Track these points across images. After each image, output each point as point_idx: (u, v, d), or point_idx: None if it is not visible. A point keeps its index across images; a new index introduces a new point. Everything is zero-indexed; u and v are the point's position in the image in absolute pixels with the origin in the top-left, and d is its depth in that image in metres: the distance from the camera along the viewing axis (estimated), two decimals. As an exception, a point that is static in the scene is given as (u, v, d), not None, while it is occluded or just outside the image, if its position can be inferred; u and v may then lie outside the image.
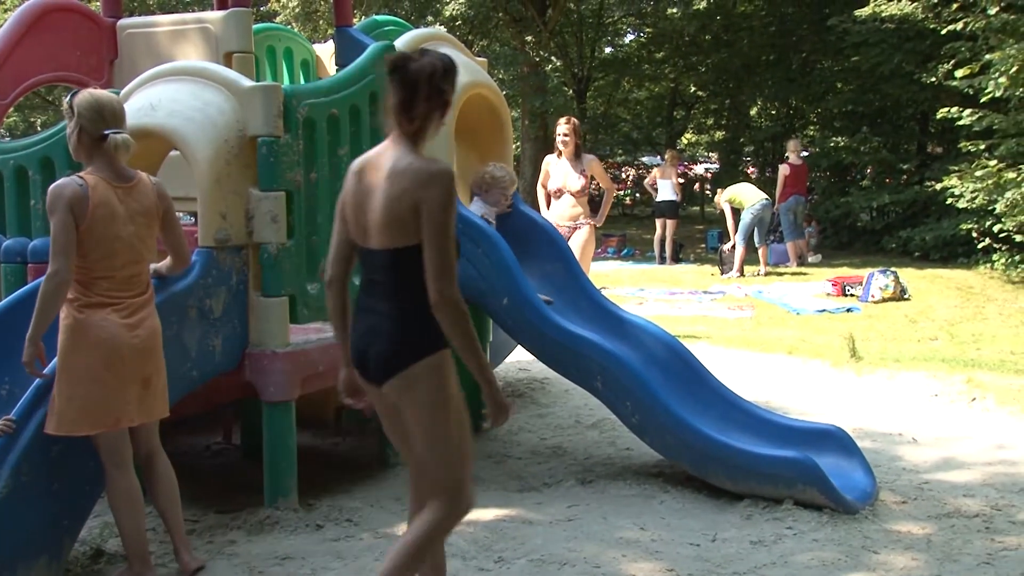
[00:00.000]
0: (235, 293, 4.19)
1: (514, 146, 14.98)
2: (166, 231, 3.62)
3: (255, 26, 5.46)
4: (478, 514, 4.35)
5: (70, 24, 5.20)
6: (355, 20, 6.67)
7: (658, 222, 14.78)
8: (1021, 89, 10.04)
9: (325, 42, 6.95)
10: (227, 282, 4.15)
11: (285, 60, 6.38)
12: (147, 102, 4.23)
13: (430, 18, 19.65)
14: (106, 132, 3.41)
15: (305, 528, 4.14)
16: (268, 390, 4.23)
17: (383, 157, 2.80)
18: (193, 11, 18.32)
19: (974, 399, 6.14)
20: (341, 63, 5.32)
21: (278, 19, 18.73)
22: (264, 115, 4.17)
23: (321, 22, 19.14)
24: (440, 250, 2.68)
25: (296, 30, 14.26)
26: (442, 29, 17.12)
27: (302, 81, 6.19)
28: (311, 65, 6.46)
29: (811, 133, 19.37)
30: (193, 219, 5.71)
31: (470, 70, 5.20)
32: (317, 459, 5.17)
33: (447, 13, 20.06)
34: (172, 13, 9.75)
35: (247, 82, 4.30)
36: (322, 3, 18.90)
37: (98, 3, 5.43)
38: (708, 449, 4.45)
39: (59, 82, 5.48)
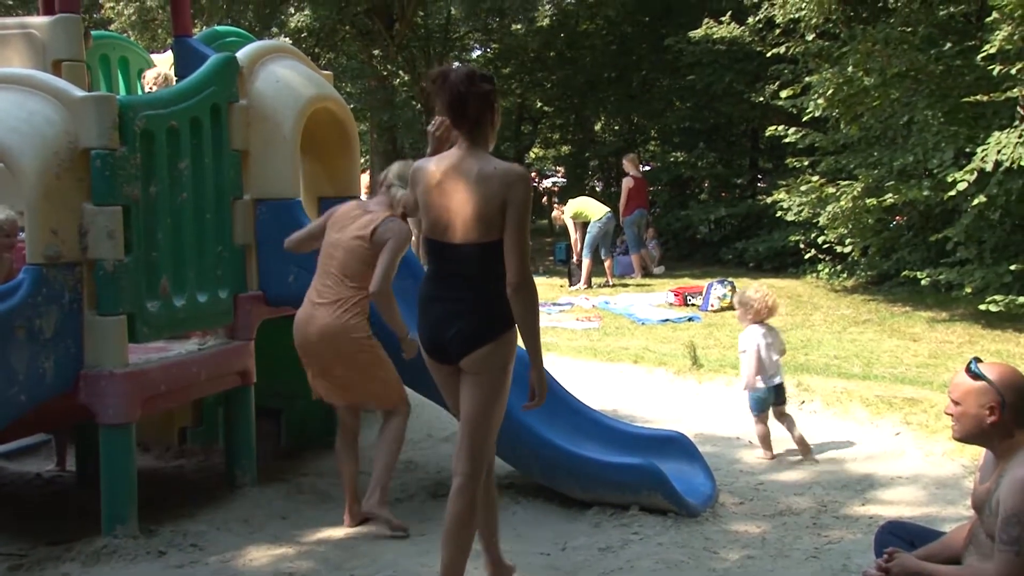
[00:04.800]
0: (68, 312, 3.99)
1: (362, 159, 14.81)
2: None
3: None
4: (329, 532, 4.30)
5: None
6: (195, 30, 6.49)
7: (505, 235, 14.92)
8: (837, 110, 10.75)
9: (163, 52, 6.72)
10: (59, 300, 3.95)
11: (120, 70, 6.14)
12: (-34, 111, 3.98)
13: (275, 29, 19.26)
14: None
15: (146, 556, 3.97)
16: (106, 412, 4.05)
17: (464, 164, 3.18)
18: (16, 15, 17.30)
19: (803, 402, 6.51)
20: (181, 74, 5.16)
21: (112, 27, 17.91)
22: (98, 127, 4.00)
23: (160, 31, 18.43)
24: (523, 241, 3.12)
25: (132, 39, 13.70)
26: (287, 41, 16.85)
27: (139, 92, 5.96)
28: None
29: (652, 148, 20.08)
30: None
31: (315, 83, 5.15)
32: (159, 482, 4.98)
33: (292, 25, 19.74)
34: (-6, 16, 9.21)
35: (78, 92, 4.12)
36: (160, 12, 18.22)
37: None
38: (557, 459, 4.54)
39: None
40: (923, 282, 10.11)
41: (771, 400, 5.41)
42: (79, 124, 4.01)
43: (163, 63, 6.26)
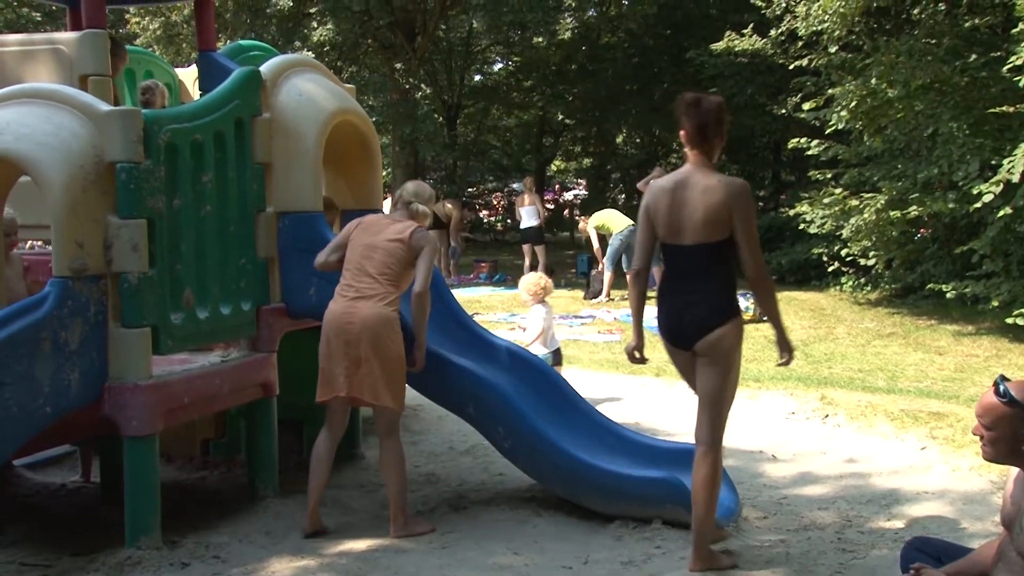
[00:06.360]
0: (93, 324, 4.02)
1: (384, 172, 14.88)
2: None
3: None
4: (351, 545, 4.30)
5: (-93, 42, 4.92)
6: (219, 44, 6.55)
7: (525, 248, 14.97)
8: (860, 122, 10.69)
9: (188, 66, 6.79)
10: (84, 313, 3.98)
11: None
12: (-6, 125, 4.03)
13: (297, 43, 19.41)
14: None
15: (169, 567, 3.98)
16: (130, 424, 4.07)
17: (692, 177, 3.74)
18: (44, 31, 17.56)
19: (827, 416, 6.45)
20: (205, 88, 5.20)
21: (138, 42, 18.13)
22: (123, 140, 4.04)
23: (184, 45, 18.64)
24: (754, 243, 3.70)
25: (157, 54, 13.86)
26: (310, 55, 16.98)
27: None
28: (174, 90, 6.30)
29: (674, 161, 20.06)
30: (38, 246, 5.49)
31: (338, 97, 5.18)
32: (182, 494, 5.00)
33: (315, 39, 19.89)
34: (21, 33, 9.32)
35: (104, 106, 4.16)
36: (185, 26, 18.42)
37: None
38: (579, 472, 4.52)
39: None
40: (948, 295, 10.02)
41: (551, 361, 6.42)
42: (105, 138, 4.05)
43: (187, 77, 6.32)
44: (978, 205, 8.56)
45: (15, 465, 5.29)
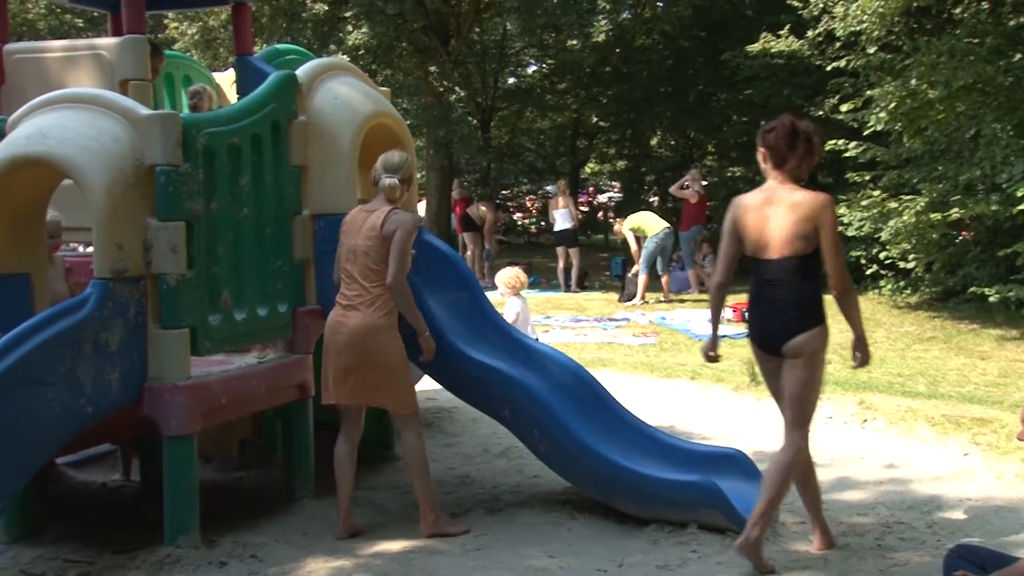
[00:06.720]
0: (133, 326, 4.07)
1: (419, 175, 14.95)
2: None
3: (153, 53, 5.35)
4: (386, 546, 4.31)
5: (-47, 48, 5.01)
6: (256, 48, 6.61)
7: (559, 251, 14.95)
8: (899, 123, 10.55)
9: (225, 70, 6.85)
10: (124, 314, 4.03)
11: (184, 88, 6.27)
12: (37, 130, 4.10)
13: (333, 47, 19.52)
14: None
15: (207, 566, 4.02)
16: (169, 424, 4.11)
17: (779, 192, 3.93)
18: (86, 37, 17.83)
19: (866, 420, 6.37)
20: (242, 92, 5.25)
21: (176, 46, 18.35)
22: (162, 144, 4.09)
23: (221, 50, 18.83)
24: (840, 253, 3.88)
25: (195, 58, 14.02)
26: (345, 58, 17.08)
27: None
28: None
29: (709, 163, 19.92)
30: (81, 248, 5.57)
31: (373, 100, 5.20)
32: (220, 494, 5.04)
33: (350, 42, 19.99)
34: (63, 39, 9.47)
35: (144, 110, 4.22)
36: (222, 31, 18.61)
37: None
38: (614, 475, 4.50)
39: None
40: (991, 299, 9.85)
41: None
42: (145, 141, 4.10)
43: (224, 81, 6.38)
44: (1022, 207, 8.41)
45: (57, 463, 5.37)
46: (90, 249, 4.33)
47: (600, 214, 27.51)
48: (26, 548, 4.30)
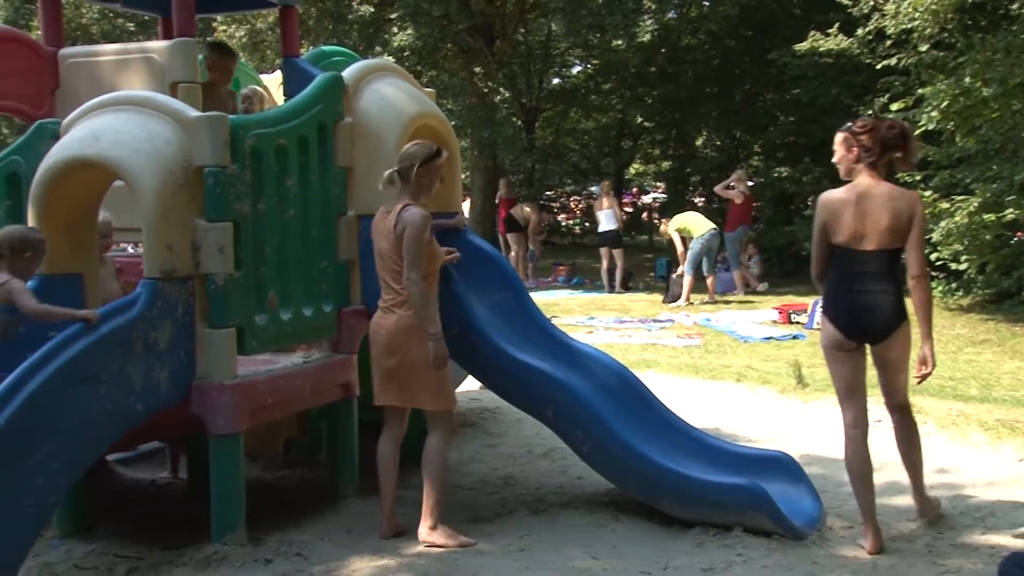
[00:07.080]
0: (181, 325, 4.13)
1: (463, 176, 15.01)
2: None
3: (201, 56, 5.42)
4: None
5: (10, 53, 5.11)
6: (303, 50, 6.67)
7: (602, 252, 14.90)
8: (952, 122, 10.34)
9: (272, 72, 6.93)
10: (173, 314, 4.09)
11: (233, 90, 6.33)
12: (90, 132, 4.18)
13: (378, 48, 19.67)
14: None
15: (253, 563, 4.06)
16: (216, 423, 4.16)
17: (874, 189, 4.13)
18: (137, 41, 18.12)
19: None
20: (289, 93, 5.30)
21: (225, 49, 18.59)
22: (211, 145, 4.14)
23: (268, 52, 19.07)
24: (923, 245, 4.14)
25: (243, 60, 14.18)
26: (390, 59, 17.20)
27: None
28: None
29: (755, 163, 19.72)
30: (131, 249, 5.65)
31: (418, 101, 5.22)
32: (265, 492, 5.10)
33: (395, 43, 20.12)
34: (115, 43, 9.64)
35: (193, 112, 4.27)
36: (269, 33, 18.84)
37: (39, 32, 5.34)
38: (658, 477, 4.47)
39: (-1, 111, 5.38)
40: (1047, 301, 9.63)
41: None
42: (194, 143, 4.16)
43: (272, 83, 6.45)
44: (1079, 207, 8.22)
45: (108, 461, 5.46)
46: (140, 249, 4.39)
47: (644, 215, 27.37)
48: (79, 543, 4.38)
